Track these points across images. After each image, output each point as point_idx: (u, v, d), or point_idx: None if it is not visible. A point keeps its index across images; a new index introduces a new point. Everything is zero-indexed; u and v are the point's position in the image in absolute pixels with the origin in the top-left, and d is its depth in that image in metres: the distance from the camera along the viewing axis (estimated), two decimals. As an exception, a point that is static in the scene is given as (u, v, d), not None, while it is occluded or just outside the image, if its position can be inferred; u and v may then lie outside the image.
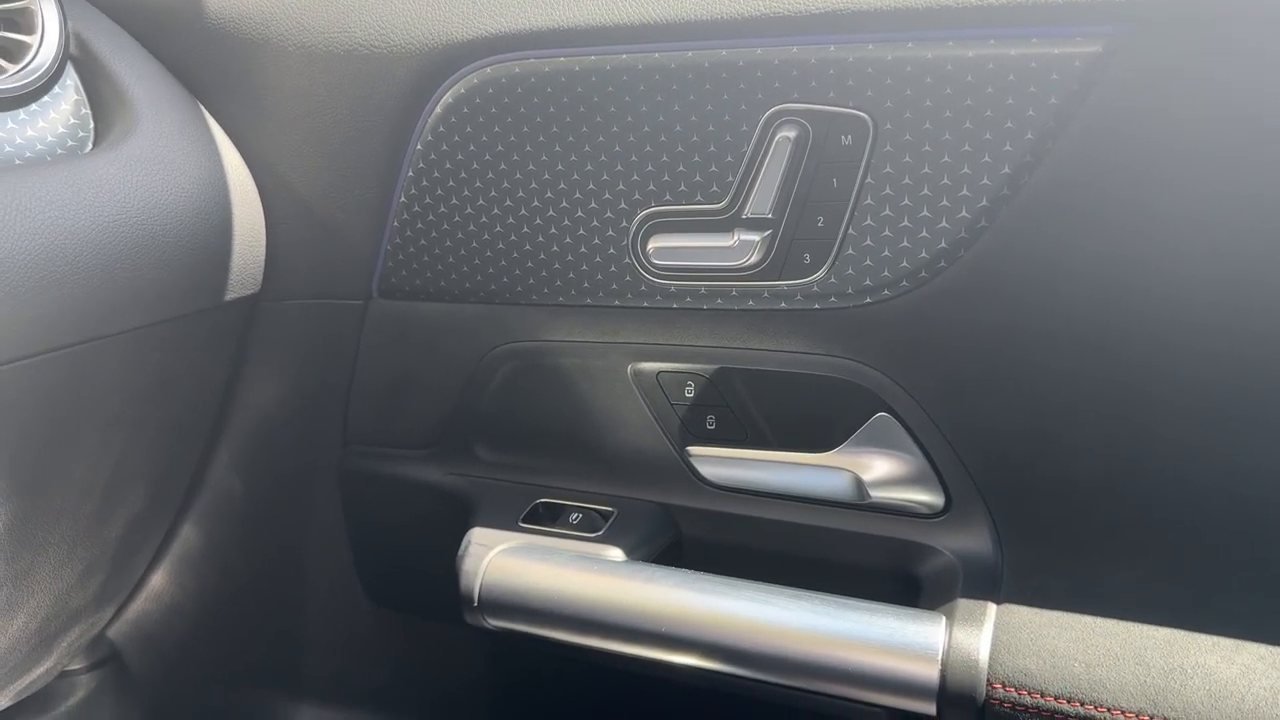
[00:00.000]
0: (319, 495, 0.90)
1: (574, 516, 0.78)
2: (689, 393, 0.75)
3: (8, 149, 0.68)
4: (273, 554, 0.94)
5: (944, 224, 0.63)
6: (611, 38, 0.68)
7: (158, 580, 0.95)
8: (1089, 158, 0.59)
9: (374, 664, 0.96)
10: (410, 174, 0.75)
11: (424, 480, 0.85)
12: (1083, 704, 0.60)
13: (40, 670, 0.88)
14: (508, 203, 0.73)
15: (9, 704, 0.89)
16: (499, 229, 0.74)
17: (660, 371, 0.75)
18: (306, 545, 0.93)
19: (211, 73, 0.79)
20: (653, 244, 0.70)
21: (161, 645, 0.99)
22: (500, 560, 0.74)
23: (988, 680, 0.62)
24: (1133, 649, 0.61)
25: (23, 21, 0.72)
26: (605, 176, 0.70)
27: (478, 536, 0.77)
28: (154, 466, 0.82)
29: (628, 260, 0.71)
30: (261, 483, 0.90)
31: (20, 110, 0.70)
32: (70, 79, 0.74)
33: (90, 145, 0.73)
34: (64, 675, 0.99)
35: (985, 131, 0.60)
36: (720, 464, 0.76)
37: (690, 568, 0.72)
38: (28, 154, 0.69)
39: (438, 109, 0.73)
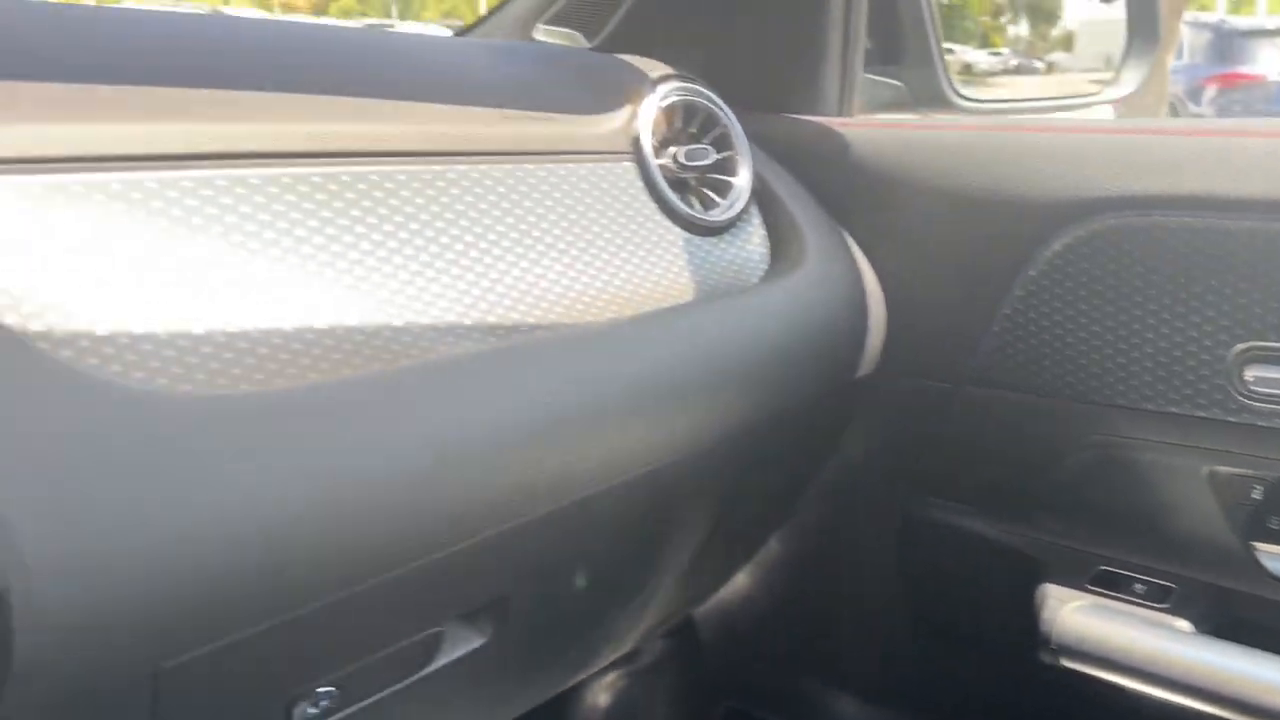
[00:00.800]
0: (882, 530, 1.10)
1: (1138, 586, 0.92)
2: (1256, 494, 0.86)
3: (721, 266, 0.94)
4: (835, 569, 1.16)
5: None
6: (1232, 207, 0.80)
7: (739, 576, 1.21)
8: None
9: (908, 672, 1.15)
10: (1019, 293, 0.92)
11: (982, 534, 1.03)
12: None
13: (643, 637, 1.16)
14: (1109, 323, 0.88)
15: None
16: (1097, 343, 0.89)
17: (1234, 474, 0.87)
18: (863, 568, 1.14)
19: (852, 203, 1.01)
20: (1249, 372, 0.83)
21: (729, 627, 1.26)
22: (1081, 614, 0.91)
23: None
24: None
25: (728, 166, 0.97)
26: (1210, 312, 0.83)
27: (1054, 591, 0.94)
28: (772, 493, 1.06)
29: (1220, 381, 0.84)
30: (837, 513, 1.13)
31: (726, 233, 0.96)
32: (754, 210, 0.99)
33: (768, 264, 0.97)
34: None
35: None
36: None
37: None
38: (732, 272, 0.94)
39: (1056, 246, 0.89)
